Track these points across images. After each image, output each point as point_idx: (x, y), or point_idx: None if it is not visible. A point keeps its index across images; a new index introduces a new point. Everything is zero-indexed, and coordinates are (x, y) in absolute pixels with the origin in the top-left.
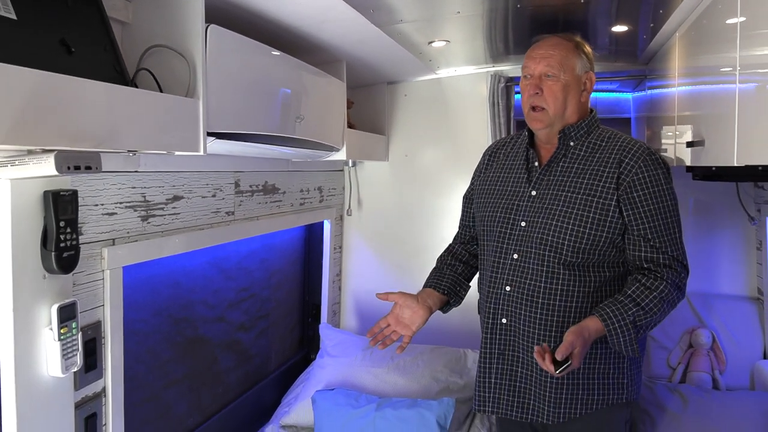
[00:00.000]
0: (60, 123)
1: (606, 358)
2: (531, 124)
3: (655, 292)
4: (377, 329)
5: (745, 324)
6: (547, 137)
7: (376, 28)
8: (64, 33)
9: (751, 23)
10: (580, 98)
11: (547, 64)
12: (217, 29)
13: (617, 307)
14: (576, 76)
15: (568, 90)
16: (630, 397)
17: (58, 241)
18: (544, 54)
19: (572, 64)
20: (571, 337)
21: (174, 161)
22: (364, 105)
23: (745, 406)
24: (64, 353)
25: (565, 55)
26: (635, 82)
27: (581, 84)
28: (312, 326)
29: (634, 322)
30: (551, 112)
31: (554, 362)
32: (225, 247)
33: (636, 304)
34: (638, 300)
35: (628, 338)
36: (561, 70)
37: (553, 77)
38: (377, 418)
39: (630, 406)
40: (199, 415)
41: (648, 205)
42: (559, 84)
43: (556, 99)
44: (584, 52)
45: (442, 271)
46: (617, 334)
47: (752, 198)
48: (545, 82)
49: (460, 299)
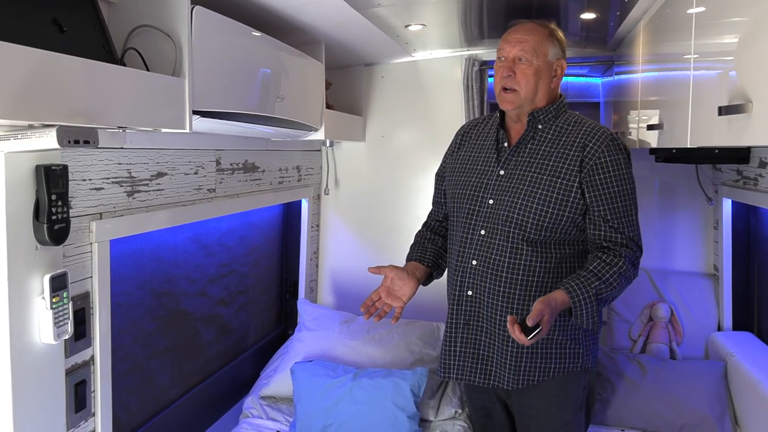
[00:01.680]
0: (57, 99)
1: (563, 330)
2: (502, 104)
3: (614, 268)
4: (370, 302)
5: (701, 299)
6: (518, 118)
7: (355, 11)
8: (56, 13)
9: (707, 13)
10: (550, 84)
11: (522, 48)
12: (203, 11)
13: (581, 281)
14: (548, 62)
15: (539, 75)
16: (586, 365)
17: (50, 213)
18: (519, 38)
19: (545, 50)
20: (540, 305)
21: (158, 139)
22: (342, 86)
23: (698, 373)
24: (56, 321)
25: (540, 41)
26: (604, 68)
27: (552, 70)
28: (290, 302)
29: (597, 294)
30: (522, 94)
31: (524, 331)
32: (206, 224)
33: (598, 279)
34: (600, 275)
35: (590, 310)
36: (534, 55)
37: (526, 61)
38: (354, 387)
39: (588, 373)
40: (182, 386)
41: (608, 187)
42: (531, 68)
43: (528, 82)
44: (558, 40)
45: (424, 245)
46: (581, 306)
47: (710, 179)
48: (518, 66)
49: (441, 271)
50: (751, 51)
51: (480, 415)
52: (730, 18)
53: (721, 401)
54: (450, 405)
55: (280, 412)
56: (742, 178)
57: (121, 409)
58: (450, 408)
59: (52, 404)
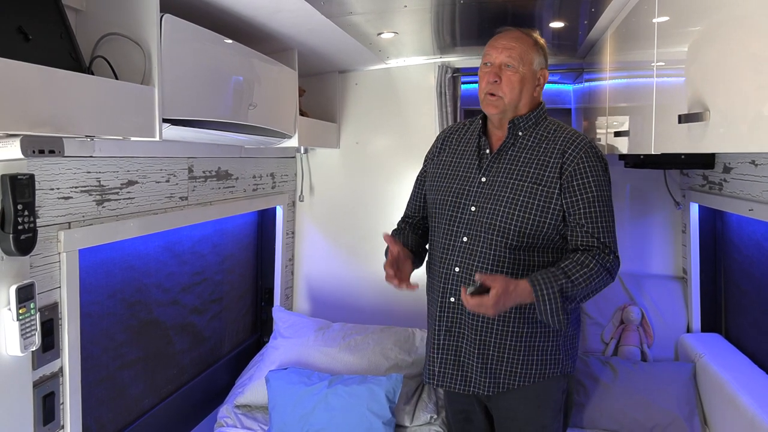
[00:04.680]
0: (21, 109)
1: (543, 336)
2: (486, 108)
3: (585, 268)
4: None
5: (671, 301)
6: (499, 125)
7: (327, 19)
8: (21, 21)
9: (670, 23)
10: (533, 92)
11: (509, 55)
12: (172, 19)
13: (547, 275)
14: (533, 71)
15: (524, 82)
16: (566, 370)
17: (15, 223)
18: (506, 45)
19: (531, 59)
20: (499, 277)
21: (128, 147)
22: (316, 93)
23: (668, 375)
24: (22, 333)
25: (526, 49)
26: (575, 75)
27: (536, 79)
28: (265, 310)
29: (562, 290)
30: (506, 100)
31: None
32: (178, 232)
33: (565, 276)
34: (568, 272)
35: (554, 306)
36: (520, 62)
37: (512, 68)
38: (329, 394)
39: (567, 377)
40: (155, 397)
41: (585, 193)
42: (517, 75)
43: (513, 89)
44: (542, 49)
45: (406, 232)
46: (543, 301)
47: (678, 184)
48: (504, 72)
49: (421, 262)
50: (709, 61)
51: (459, 418)
52: (691, 28)
53: (690, 402)
54: (425, 410)
55: (255, 420)
56: (708, 183)
57: (92, 420)
58: (425, 413)
59: (20, 417)
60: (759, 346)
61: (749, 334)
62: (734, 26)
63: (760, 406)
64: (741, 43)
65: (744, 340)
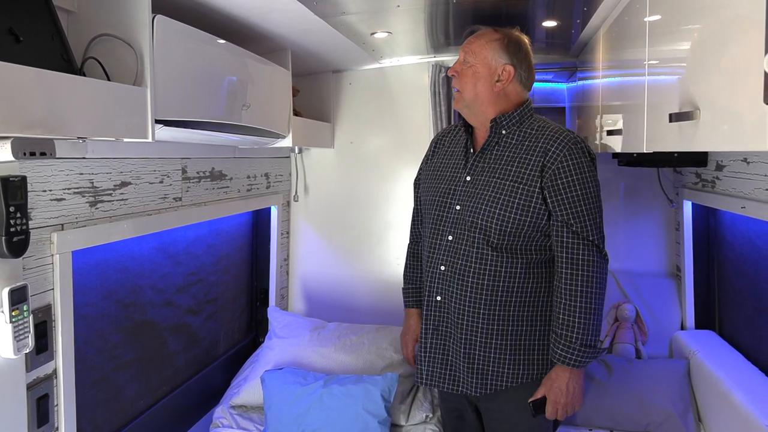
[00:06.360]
0: (12, 111)
1: (530, 336)
2: (453, 104)
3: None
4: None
5: (665, 299)
6: (479, 123)
7: (320, 19)
8: (12, 22)
9: (661, 22)
10: (493, 87)
11: (465, 50)
12: (164, 20)
13: (563, 344)
14: (488, 65)
15: (477, 77)
16: None
17: (8, 225)
18: (468, 42)
19: (486, 54)
20: (542, 389)
21: (122, 148)
22: (310, 93)
23: (662, 372)
24: (15, 335)
25: (483, 44)
26: (569, 73)
27: (494, 74)
28: (260, 310)
29: (584, 343)
30: (465, 95)
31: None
32: (173, 233)
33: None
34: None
35: (590, 356)
36: (474, 57)
37: (467, 63)
38: (324, 394)
39: None
40: (150, 398)
41: (570, 192)
42: (470, 70)
43: (466, 83)
44: (508, 46)
45: (416, 284)
46: (582, 361)
47: (671, 182)
48: (462, 68)
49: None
50: (699, 60)
51: (452, 416)
52: (682, 27)
53: (684, 399)
54: (421, 409)
55: (251, 421)
56: (700, 181)
57: (87, 422)
58: (421, 412)
59: (14, 420)
60: (752, 342)
61: (742, 331)
62: (725, 26)
63: (753, 402)
64: (731, 42)
65: (737, 337)
